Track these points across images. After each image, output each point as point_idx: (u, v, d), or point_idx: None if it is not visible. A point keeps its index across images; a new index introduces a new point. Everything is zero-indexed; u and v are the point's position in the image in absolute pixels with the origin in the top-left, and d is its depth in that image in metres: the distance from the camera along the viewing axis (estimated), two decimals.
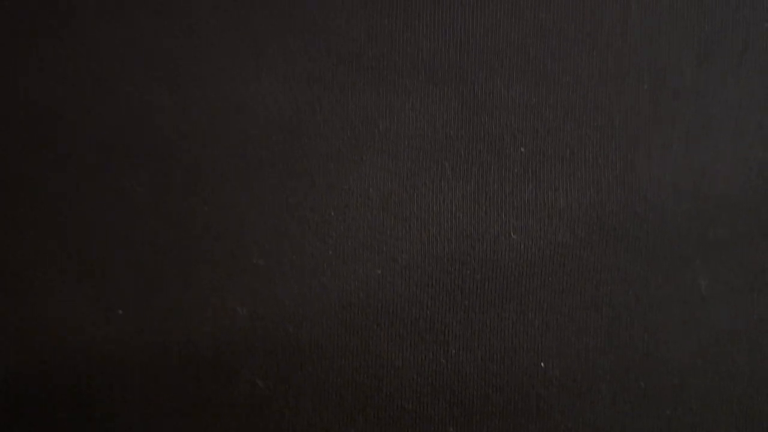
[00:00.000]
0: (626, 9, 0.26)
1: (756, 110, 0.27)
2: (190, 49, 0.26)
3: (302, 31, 0.26)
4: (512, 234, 0.27)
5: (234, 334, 0.27)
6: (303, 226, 0.27)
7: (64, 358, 0.27)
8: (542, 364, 0.27)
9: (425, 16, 0.26)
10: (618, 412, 0.27)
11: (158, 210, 0.26)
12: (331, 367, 0.27)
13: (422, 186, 0.27)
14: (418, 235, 0.27)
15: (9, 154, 0.26)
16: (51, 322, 0.27)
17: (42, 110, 0.26)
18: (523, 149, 0.27)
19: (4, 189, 0.26)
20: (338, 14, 0.26)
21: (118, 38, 0.26)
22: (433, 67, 0.26)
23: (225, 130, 0.26)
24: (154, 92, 0.26)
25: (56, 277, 0.27)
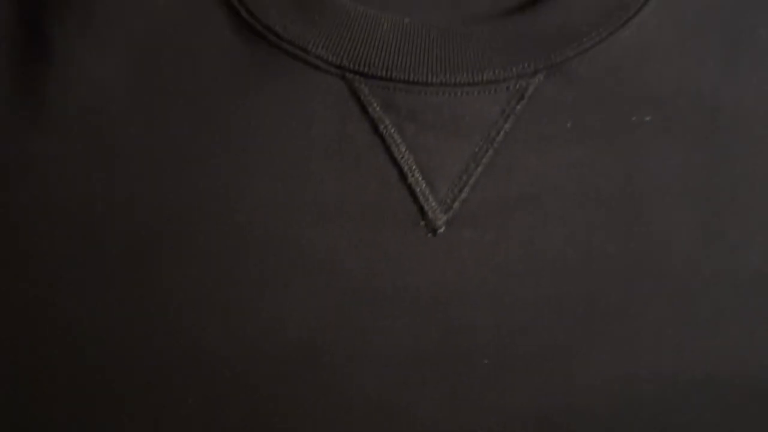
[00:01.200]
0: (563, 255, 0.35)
1: (675, 326, 0.35)
2: (237, 294, 0.35)
3: (321, 273, 0.35)
4: None
5: None
6: (326, 427, 0.35)
7: None
8: None
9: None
10: None
11: (214, 422, 0.35)
12: None
13: (411, 391, 0.35)
14: None
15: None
16: None
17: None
18: (486, 361, 0.35)
19: None
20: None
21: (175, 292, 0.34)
22: (417, 303, 0.35)
23: (260, 355, 0.35)
24: (209, 336, 0.35)
25: None
